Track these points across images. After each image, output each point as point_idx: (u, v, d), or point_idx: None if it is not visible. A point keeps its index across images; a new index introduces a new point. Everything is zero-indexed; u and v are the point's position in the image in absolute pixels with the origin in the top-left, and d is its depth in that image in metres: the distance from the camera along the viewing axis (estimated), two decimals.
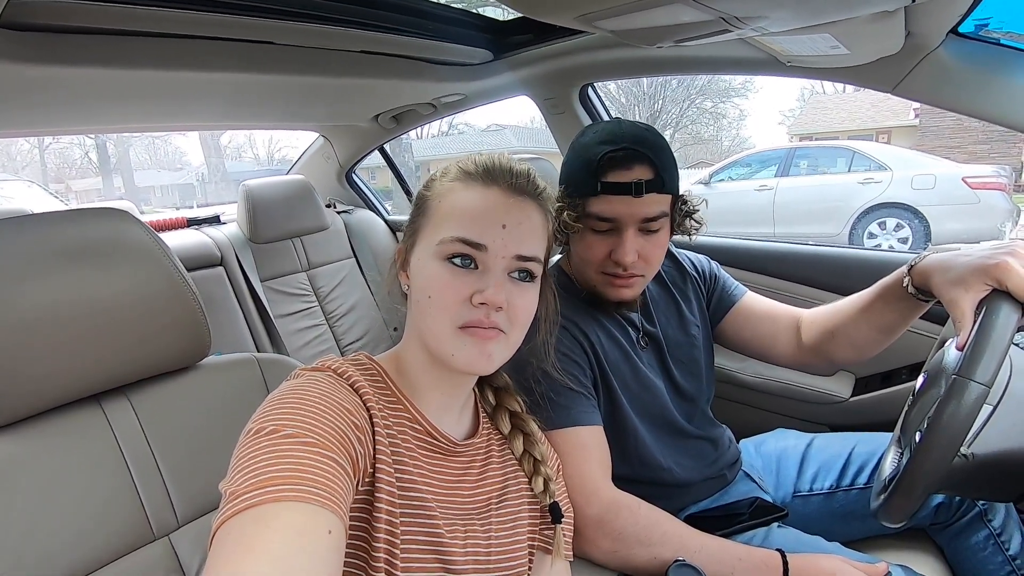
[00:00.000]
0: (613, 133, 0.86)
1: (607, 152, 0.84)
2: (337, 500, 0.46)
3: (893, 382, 1.33)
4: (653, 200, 0.84)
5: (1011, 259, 0.66)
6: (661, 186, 0.84)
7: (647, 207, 0.84)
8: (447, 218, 0.62)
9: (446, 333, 0.60)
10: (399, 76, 1.53)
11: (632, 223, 0.85)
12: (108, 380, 0.73)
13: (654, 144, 0.85)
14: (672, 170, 0.86)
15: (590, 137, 0.89)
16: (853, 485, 1.01)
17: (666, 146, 0.87)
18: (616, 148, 0.84)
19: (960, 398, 0.59)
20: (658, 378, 0.96)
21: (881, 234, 6.20)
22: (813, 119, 15.09)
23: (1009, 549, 0.92)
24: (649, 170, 0.83)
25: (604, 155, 0.84)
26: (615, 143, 0.84)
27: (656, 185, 0.84)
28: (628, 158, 0.83)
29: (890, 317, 0.87)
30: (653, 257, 0.88)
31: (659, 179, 0.84)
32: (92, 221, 0.73)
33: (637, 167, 0.83)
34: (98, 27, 0.94)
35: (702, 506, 0.97)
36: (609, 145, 0.85)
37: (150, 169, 28.64)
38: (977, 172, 5.97)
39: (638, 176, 0.83)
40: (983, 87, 0.95)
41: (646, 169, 0.83)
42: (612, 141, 0.85)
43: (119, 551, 0.69)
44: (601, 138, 0.87)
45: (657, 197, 0.84)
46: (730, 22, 0.68)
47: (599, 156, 0.84)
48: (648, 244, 0.87)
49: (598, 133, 0.88)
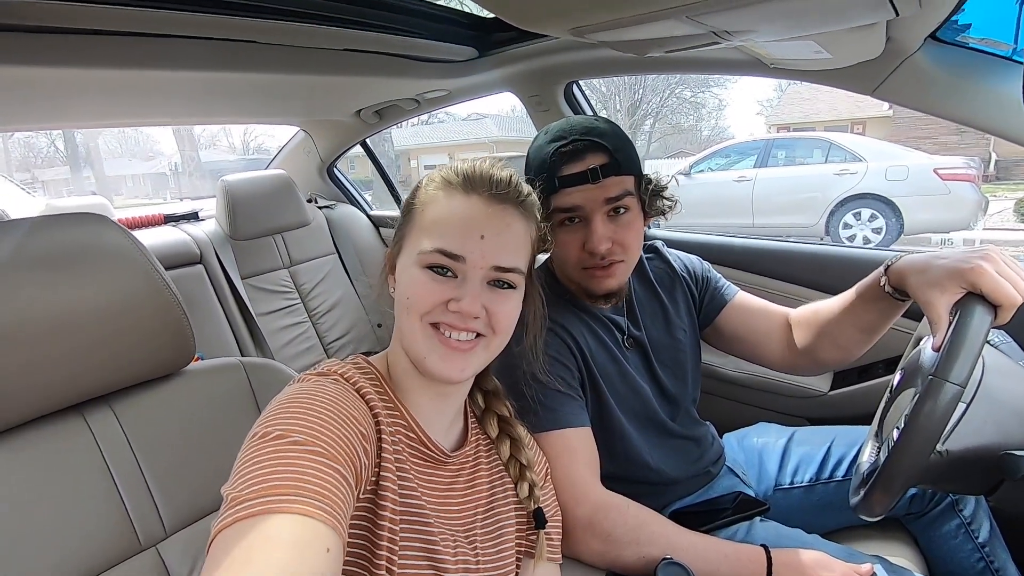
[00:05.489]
0: (562, 130, 0.89)
1: (558, 148, 0.87)
2: (338, 515, 0.46)
3: (870, 376, 1.36)
4: (613, 183, 0.86)
5: (985, 263, 0.68)
6: (618, 168, 0.86)
7: (607, 190, 0.86)
8: (428, 228, 0.62)
9: (418, 332, 0.61)
10: (382, 73, 1.51)
11: (597, 209, 0.86)
12: (90, 390, 0.72)
13: (604, 131, 0.87)
14: (627, 151, 0.88)
15: (542, 139, 0.91)
16: (832, 478, 1.04)
17: (619, 131, 0.89)
18: (566, 143, 0.86)
19: (936, 398, 0.61)
20: (643, 379, 0.98)
21: (856, 224, 6.33)
22: (790, 109, 15.27)
23: (979, 537, 0.96)
24: (602, 155, 0.86)
25: (556, 151, 0.87)
26: (564, 138, 0.87)
27: (612, 168, 0.85)
28: (579, 150, 0.86)
29: (870, 317, 0.89)
30: (628, 241, 0.89)
31: (614, 161, 0.86)
32: (69, 227, 0.71)
33: (590, 156, 0.86)
34: (73, 27, 0.91)
35: (687, 502, 0.99)
36: (559, 141, 0.87)
37: (121, 158, 27.86)
38: (948, 163, 6.10)
39: (591, 163, 0.85)
40: (959, 91, 0.97)
41: (599, 156, 0.86)
42: (562, 137, 0.88)
43: (106, 563, 0.68)
44: (551, 137, 0.89)
45: (616, 179, 0.86)
46: (720, 35, 0.68)
47: (551, 153, 0.87)
48: (620, 228, 0.88)
49: (549, 133, 0.91)
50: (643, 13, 0.65)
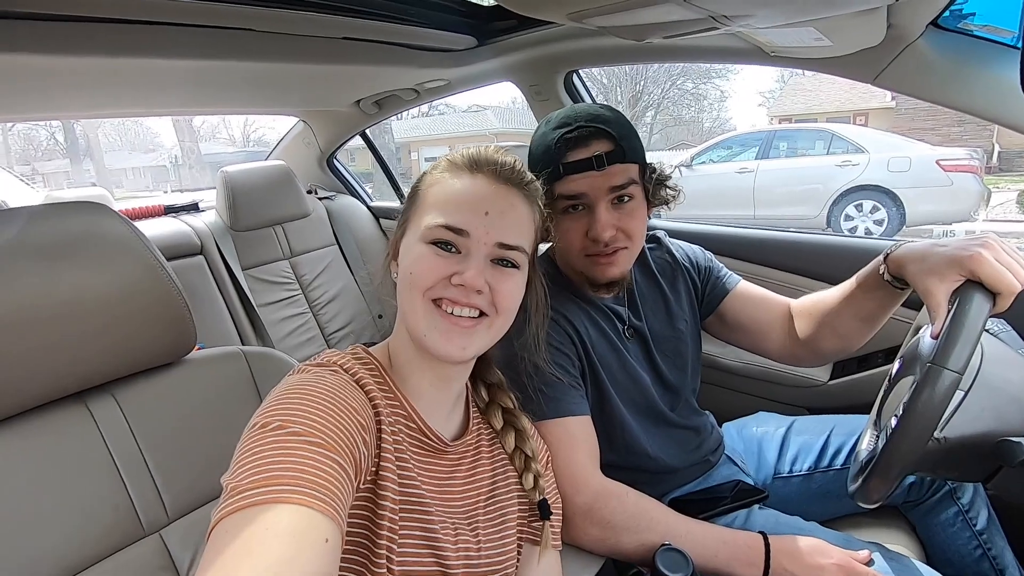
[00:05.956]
0: (568, 116, 0.89)
1: (563, 134, 0.86)
2: (337, 506, 0.46)
3: (869, 366, 1.36)
4: (617, 170, 0.86)
5: (984, 251, 0.68)
6: (622, 156, 0.86)
7: (612, 178, 0.86)
8: (433, 206, 0.63)
9: (419, 309, 0.61)
10: (381, 62, 1.50)
11: (601, 196, 0.86)
12: (92, 377, 0.72)
13: (609, 119, 0.87)
14: (631, 139, 0.88)
15: (546, 126, 0.91)
16: (831, 466, 1.04)
17: (624, 120, 0.89)
18: (571, 129, 0.86)
19: (934, 385, 0.62)
20: (643, 369, 0.98)
21: (858, 216, 6.31)
22: (792, 101, 15.18)
23: (976, 525, 0.97)
24: (608, 143, 0.85)
25: (560, 137, 0.86)
26: (569, 124, 0.87)
27: (617, 155, 0.85)
28: (585, 136, 0.85)
29: (870, 306, 0.89)
30: (632, 229, 0.89)
31: (619, 149, 0.85)
32: (70, 216, 0.71)
33: (595, 143, 0.85)
34: (68, 14, 0.90)
35: (686, 490, 1.00)
36: (564, 128, 0.87)
37: (121, 151, 27.79)
38: (950, 155, 6.08)
39: (597, 150, 0.85)
40: (960, 78, 0.96)
41: (604, 143, 0.85)
42: (567, 124, 0.87)
43: (109, 548, 0.69)
44: (556, 124, 0.89)
45: (621, 167, 0.86)
46: (719, 20, 0.68)
47: (556, 139, 0.86)
48: (624, 216, 0.88)
49: (553, 120, 0.91)
50: None
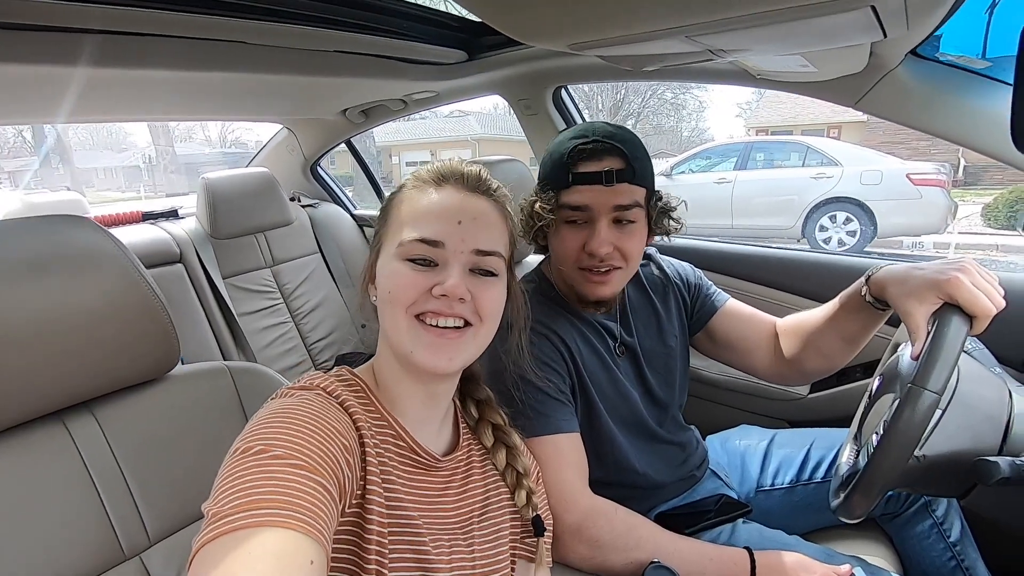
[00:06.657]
0: (586, 129, 0.89)
1: (578, 144, 0.87)
2: (322, 528, 0.45)
3: (847, 380, 1.40)
4: (625, 190, 0.86)
5: (961, 275, 0.71)
6: (632, 176, 0.86)
7: (619, 196, 0.86)
8: (405, 222, 0.63)
9: (402, 326, 0.60)
10: (371, 74, 1.49)
11: (605, 212, 0.87)
12: (71, 396, 0.70)
13: (625, 138, 0.88)
14: (644, 162, 0.88)
15: (563, 135, 0.92)
16: (811, 480, 1.07)
17: (638, 141, 0.90)
18: (587, 140, 0.87)
19: (915, 406, 0.64)
20: (633, 386, 0.99)
21: (832, 227, 6.47)
22: (769, 112, 15.49)
23: (950, 537, 1.00)
24: (620, 160, 0.86)
25: (575, 148, 0.87)
26: (586, 136, 0.88)
27: (627, 175, 0.86)
28: (599, 150, 0.86)
29: (852, 327, 0.91)
30: (629, 251, 0.89)
31: (630, 169, 0.86)
32: (49, 229, 0.69)
33: (608, 159, 0.86)
34: (55, 24, 0.88)
35: (671, 504, 1.01)
36: (580, 139, 0.88)
37: (92, 150, 27.10)
38: (920, 169, 6.27)
39: (608, 166, 0.86)
40: (937, 105, 1.00)
41: (617, 160, 0.86)
42: (583, 135, 0.88)
43: (89, 572, 0.67)
44: (573, 134, 0.90)
45: (629, 187, 0.87)
46: (716, 52, 0.69)
47: (570, 149, 0.87)
48: (623, 236, 0.88)
49: (570, 131, 0.91)
50: (644, 32, 0.65)
